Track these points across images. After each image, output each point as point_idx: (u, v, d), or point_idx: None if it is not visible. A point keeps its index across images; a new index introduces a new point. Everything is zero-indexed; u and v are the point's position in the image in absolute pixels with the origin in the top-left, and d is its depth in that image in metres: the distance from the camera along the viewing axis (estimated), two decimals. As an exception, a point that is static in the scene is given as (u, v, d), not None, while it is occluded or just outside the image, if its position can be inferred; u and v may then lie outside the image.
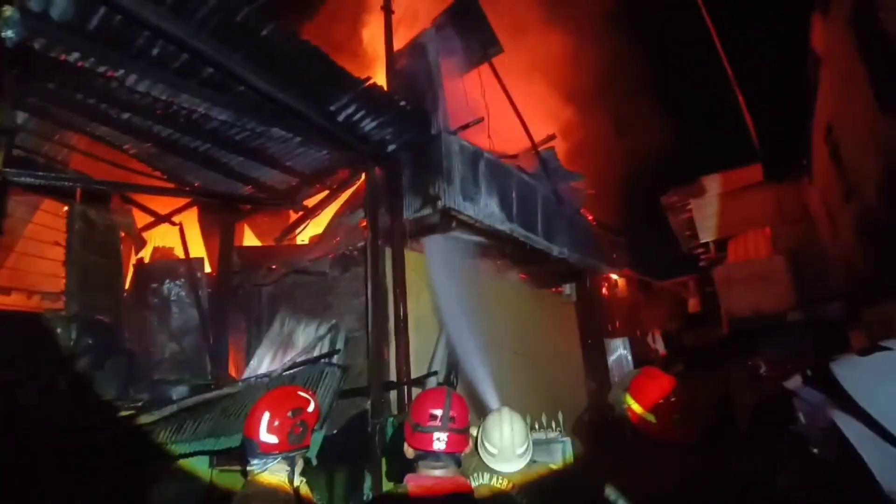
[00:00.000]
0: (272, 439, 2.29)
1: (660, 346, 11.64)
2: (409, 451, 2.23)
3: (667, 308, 12.44)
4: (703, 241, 10.25)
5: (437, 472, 2.15)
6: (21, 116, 4.36)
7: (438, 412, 2.18)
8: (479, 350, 5.64)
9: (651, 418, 2.48)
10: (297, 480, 2.35)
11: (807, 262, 8.15)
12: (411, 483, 2.14)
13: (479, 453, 2.89)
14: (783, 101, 7.08)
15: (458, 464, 2.22)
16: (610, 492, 2.38)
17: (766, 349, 7.99)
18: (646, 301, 11.50)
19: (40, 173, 4.63)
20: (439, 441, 2.13)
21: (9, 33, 2.93)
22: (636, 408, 2.55)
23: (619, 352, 9.58)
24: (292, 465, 2.35)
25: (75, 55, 3.44)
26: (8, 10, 2.89)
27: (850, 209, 5.27)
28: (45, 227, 5.28)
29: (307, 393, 2.54)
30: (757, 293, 8.65)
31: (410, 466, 2.26)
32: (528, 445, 2.86)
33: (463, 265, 5.91)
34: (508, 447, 2.80)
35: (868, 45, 3.90)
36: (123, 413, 3.67)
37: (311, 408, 2.44)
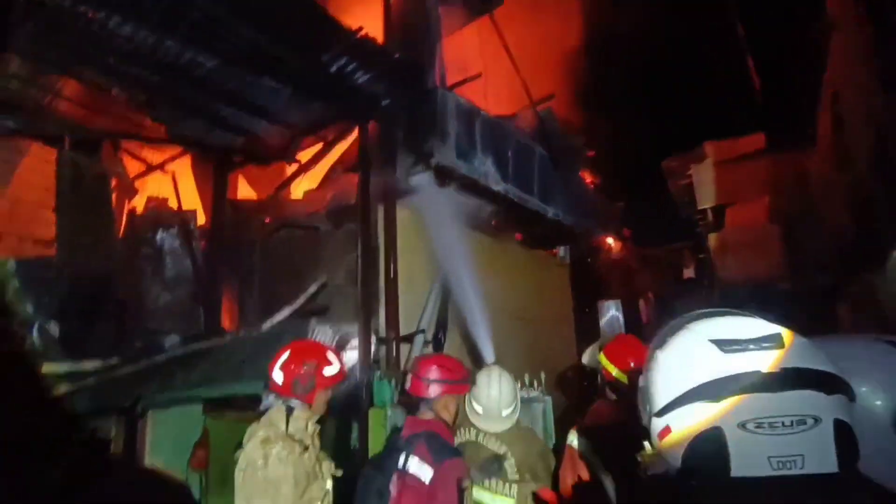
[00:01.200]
0: (278, 378, 2.40)
1: (651, 311, 11.78)
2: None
3: (660, 273, 12.50)
4: (701, 208, 10.19)
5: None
6: (5, 58, 4.24)
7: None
8: (470, 309, 5.71)
9: (623, 379, 2.55)
10: (297, 432, 2.40)
11: (802, 233, 8.14)
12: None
13: (465, 409, 2.97)
14: (794, 68, 6.88)
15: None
16: (579, 443, 2.47)
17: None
18: (640, 265, 11.53)
19: (26, 118, 4.56)
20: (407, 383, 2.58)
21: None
22: (610, 368, 2.62)
23: (611, 314, 9.71)
24: (289, 413, 2.41)
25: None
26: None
27: (842, 180, 5.22)
28: (34, 172, 5.23)
29: (339, 360, 2.60)
30: (750, 261, 8.67)
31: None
32: (515, 406, 2.89)
33: (456, 223, 5.90)
34: (495, 407, 2.85)
35: (877, 13, 3.75)
36: (115, 360, 3.74)
37: (328, 371, 2.49)
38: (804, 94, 6.71)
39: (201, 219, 6.26)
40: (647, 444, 0.87)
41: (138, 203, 6.41)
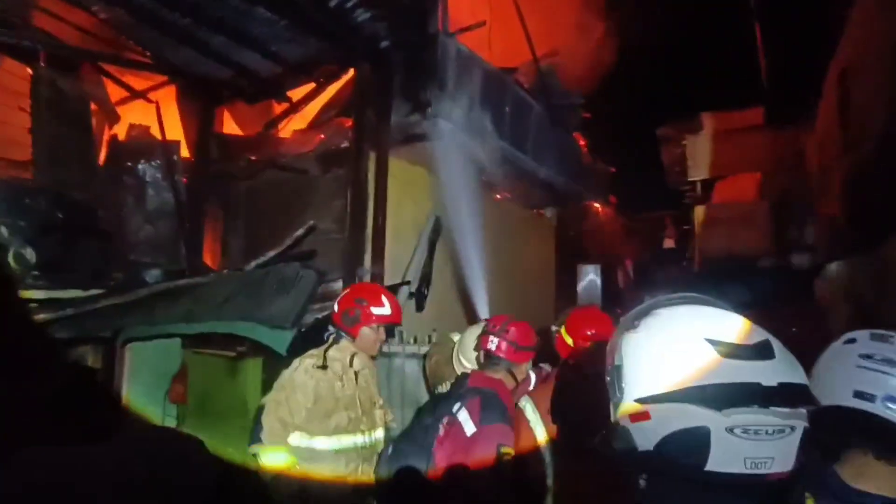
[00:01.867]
0: (335, 308, 2.84)
1: (629, 278, 11.99)
2: None
3: (642, 241, 12.65)
4: (691, 179, 10.20)
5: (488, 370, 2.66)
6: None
7: (498, 323, 2.68)
8: (455, 263, 5.73)
9: (568, 340, 2.61)
10: (337, 359, 2.74)
11: (791, 212, 8.22)
12: None
13: (453, 364, 3.04)
14: (803, 43, 6.72)
15: None
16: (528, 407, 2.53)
17: (732, 291, 8.29)
18: (624, 232, 11.63)
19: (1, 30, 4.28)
20: (491, 343, 2.64)
21: None
22: (567, 339, 2.66)
23: (589, 277, 9.83)
24: (336, 340, 2.81)
25: None
26: None
27: (844, 162, 5.22)
28: (7, 89, 4.95)
29: (391, 303, 2.88)
30: (736, 237, 8.77)
31: None
32: None
33: (447, 177, 5.83)
34: (466, 349, 2.96)
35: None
36: (96, 291, 3.69)
37: (376, 309, 2.79)
38: (811, 71, 6.60)
39: (185, 152, 6.06)
40: (620, 423, 0.90)
41: (120, 130, 6.15)
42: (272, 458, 2.58)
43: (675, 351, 0.86)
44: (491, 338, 2.60)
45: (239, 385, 4.24)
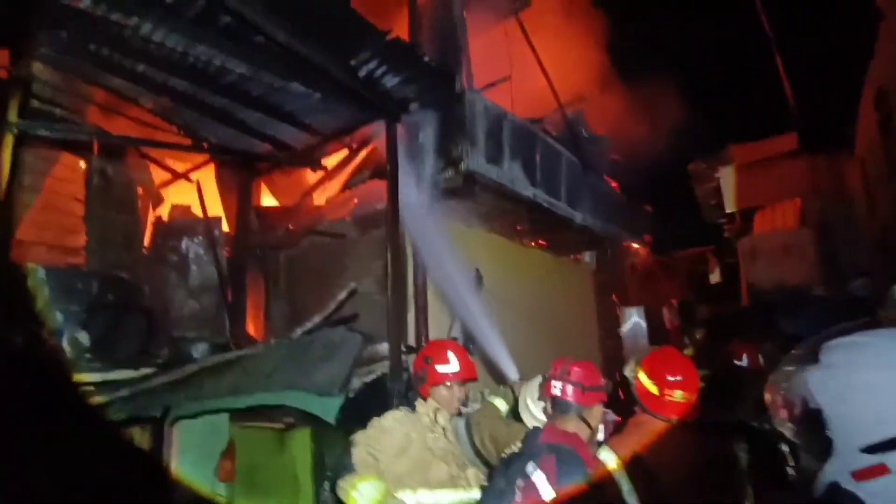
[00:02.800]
0: (412, 368, 2.93)
1: (675, 317, 11.53)
2: None
3: (685, 278, 12.26)
4: (728, 211, 9.94)
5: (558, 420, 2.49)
6: (35, 67, 4.26)
7: (559, 367, 2.53)
8: (497, 315, 5.59)
9: (652, 388, 2.42)
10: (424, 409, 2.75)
11: (837, 237, 7.87)
12: None
13: (523, 418, 2.89)
14: (828, 64, 6.67)
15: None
16: (609, 459, 2.34)
17: (786, 324, 7.83)
18: (665, 271, 11.31)
19: (57, 126, 4.57)
20: (555, 388, 2.50)
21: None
22: (650, 386, 2.48)
23: (633, 320, 9.48)
24: (412, 402, 2.83)
25: (87, 2, 3.29)
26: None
27: (893, 184, 4.99)
28: (64, 181, 5.24)
29: (460, 359, 2.80)
30: (782, 266, 8.42)
31: None
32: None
33: (483, 229, 5.80)
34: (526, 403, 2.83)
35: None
36: (146, 370, 3.69)
37: (442, 367, 2.74)
38: (841, 92, 6.48)
39: (226, 226, 6.23)
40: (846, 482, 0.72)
41: (164, 211, 6.41)
42: (365, 489, 2.43)
43: None
44: (553, 383, 2.45)
45: (288, 458, 4.10)
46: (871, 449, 0.68)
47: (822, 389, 0.76)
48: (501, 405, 3.20)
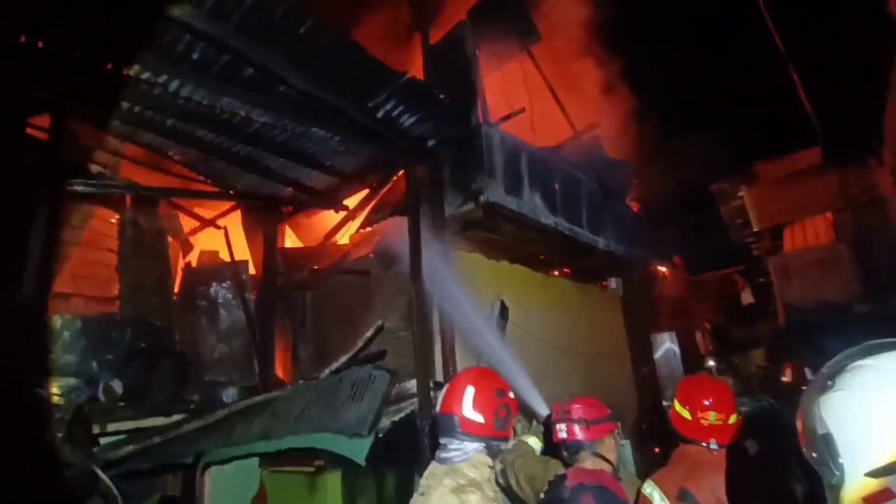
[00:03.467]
0: (478, 417, 2.11)
1: (709, 341, 11.16)
2: None
3: (716, 301, 11.91)
4: (755, 230, 9.71)
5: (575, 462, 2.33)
6: (73, 128, 4.50)
7: (558, 409, 2.45)
8: (525, 346, 5.49)
9: (685, 414, 2.36)
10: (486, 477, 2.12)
11: (874, 250, 7.58)
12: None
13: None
14: (849, 75, 6.58)
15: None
16: (658, 494, 2.25)
17: (829, 343, 7.50)
18: (694, 294, 11.02)
19: (93, 182, 4.78)
20: (561, 431, 2.38)
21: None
22: (684, 413, 2.41)
23: (665, 346, 9.21)
24: (494, 456, 2.20)
25: (135, 69, 3.48)
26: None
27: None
28: (99, 234, 5.45)
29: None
30: (818, 283, 8.12)
31: None
32: None
33: (506, 260, 5.77)
34: None
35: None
36: (178, 416, 3.71)
37: (511, 393, 2.29)
38: (862, 103, 6.37)
39: (253, 269, 6.35)
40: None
41: (193, 257, 6.57)
42: None
43: None
44: (558, 427, 2.38)
45: (320, 501, 4.04)
46: (875, 473, 0.65)
47: (832, 414, 0.73)
48: (535, 443, 3.09)
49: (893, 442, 0.67)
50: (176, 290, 6.05)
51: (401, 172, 5.28)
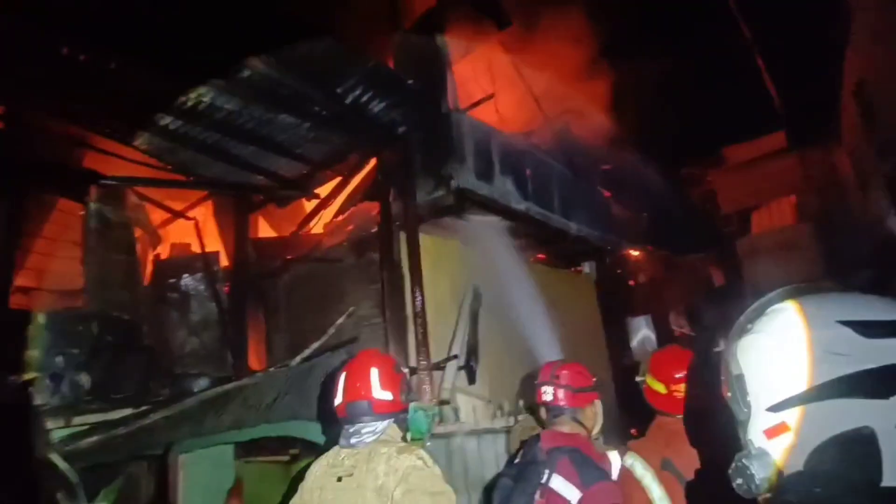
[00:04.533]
0: (386, 395, 2.16)
1: (683, 323, 11.42)
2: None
3: (689, 283, 12.18)
4: (725, 214, 9.97)
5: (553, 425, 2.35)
6: (31, 116, 4.38)
7: (548, 371, 2.42)
8: (500, 332, 5.56)
9: (659, 388, 2.41)
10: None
11: (837, 230, 7.86)
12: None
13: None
14: (807, 61, 6.76)
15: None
16: (639, 466, 2.31)
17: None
18: (668, 277, 11.26)
19: (52, 173, 4.66)
20: (546, 393, 2.37)
21: None
22: (658, 387, 2.47)
23: (642, 330, 9.42)
24: (405, 429, 2.29)
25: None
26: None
27: (882, 169, 5.03)
28: (63, 226, 5.31)
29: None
30: (784, 263, 8.40)
31: None
32: None
33: (478, 246, 5.81)
34: None
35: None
36: (145, 408, 3.67)
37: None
38: (822, 87, 6.57)
39: (225, 261, 6.26)
40: (753, 444, 0.75)
41: (163, 250, 6.45)
42: None
43: (807, 340, 0.72)
44: (544, 388, 2.38)
45: (295, 491, 4.04)
46: (774, 408, 0.70)
47: (745, 355, 0.78)
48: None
49: (790, 379, 0.72)
50: (146, 283, 5.94)
51: (372, 159, 5.27)
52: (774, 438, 0.71)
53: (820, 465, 0.67)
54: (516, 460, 2.47)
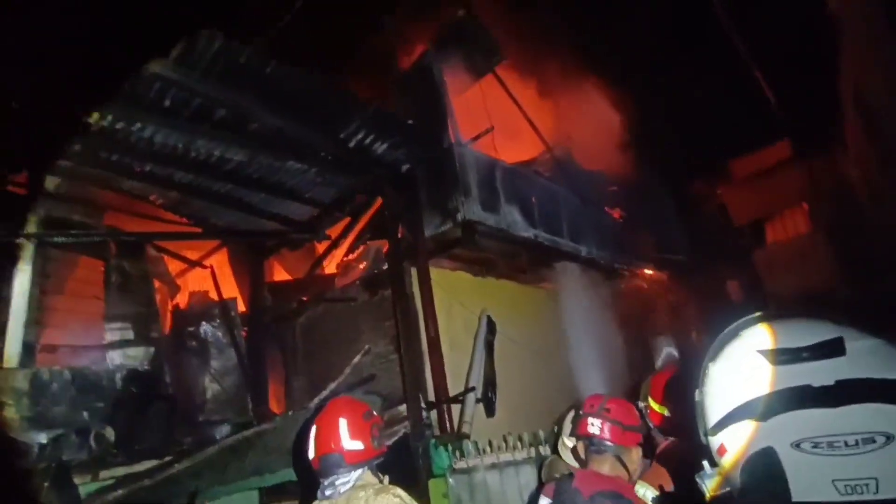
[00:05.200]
0: (357, 445, 2.16)
1: (704, 339, 11.19)
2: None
3: (709, 298, 11.99)
4: (737, 226, 9.88)
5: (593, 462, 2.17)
6: (53, 181, 4.59)
7: (596, 403, 2.24)
8: (518, 360, 5.54)
9: (664, 411, 2.38)
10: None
11: (849, 237, 7.74)
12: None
13: (560, 455, 2.79)
14: (804, 72, 6.82)
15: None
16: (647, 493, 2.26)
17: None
18: (686, 294, 11.11)
19: (75, 231, 4.84)
20: (592, 426, 2.18)
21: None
22: (651, 404, 2.44)
23: (665, 350, 9.24)
24: (377, 473, 2.25)
25: (94, 115, 3.59)
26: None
27: (889, 174, 5.00)
28: (85, 283, 5.47)
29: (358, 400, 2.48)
30: (801, 273, 8.26)
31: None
32: None
33: (490, 275, 5.84)
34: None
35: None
36: (169, 458, 3.70)
37: (374, 412, 2.34)
38: (821, 98, 6.60)
39: (241, 306, 6.37)
40: (706, 464, 0.82)
41: (181, 299, 6.60)
42: None
43: (729, 370, 0.81)
44: (591, 420, 2.18)
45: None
46: (711, 431, 0.77)
47: (705, 382, 0.85)
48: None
49: (722, 405, 0.77)
50: (166, 332, 6.06)
51: (379, 198, 5.39)
52: (721, 457, 0.77)
53: (746, 480, 0.73)
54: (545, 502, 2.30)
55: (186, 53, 3.26)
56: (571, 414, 2.82)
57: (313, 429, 2.27)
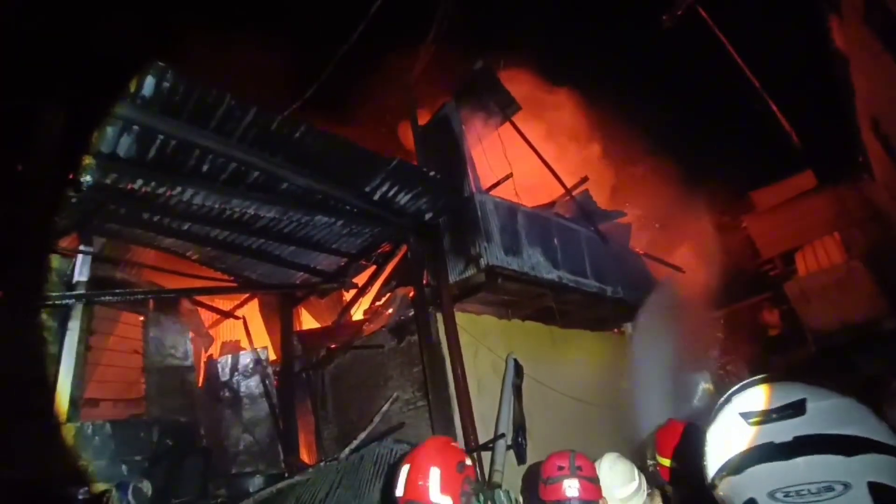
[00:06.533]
0: (445, 501, 1.93)
1: (743, 374, 10.80)
2: None
3: (744, 332, 11.64)
4: (766, 258, 9.69)
5: None
6: (99, 242, 4.89)
7: (565, 463, 2.17)
8: (545, 405, 5.46)
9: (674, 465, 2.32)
10: None
11: (887, 264, 7.51)
12: None
13: None
14: (819, 104, 6.85)
15: None
16: None
17: (864, 364, 7.28)
18: (719, 328, 10.81)
19: (119, 290, 5.11)
20: (570, 488, 2.10)
21: (87, 178, 3.37)
22: (659, 460, 2.39)
23: (700, 386, 8.96)
24: None
25: (139, 182, 3.86)
26: (87, 159, 3.33)
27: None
28: (125, 338, 5.71)
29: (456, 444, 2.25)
30: (840, 304, 8.00)
31: None
32: (636, 487, 2.52)
33: (515, 320, 5.85)
34: (607, 488, 2.63)
35: (889, 37, 3.79)
36: (205, 511, 3.76)
37: (469, 461, 2.12)
38: (839, 127, 6.59)
39: (272, 354, 6.52)
40: None
41: (215, 350, 6.79)
42: None
43: (718, 432, 0.92)
44: (565, 483, 2.10)
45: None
46: (711, 486, 0.87)
47: (705, 438, 0.97)
48: None
49: (719, 460, 0.89)
50: (199, 383, 6.21)
51: (404, 247, 5.55)
52: None
53: None
54: None
55: (223, 123, 3.52)
56: (610, 459, 2.73)
57: (405, 467, 2.06)
